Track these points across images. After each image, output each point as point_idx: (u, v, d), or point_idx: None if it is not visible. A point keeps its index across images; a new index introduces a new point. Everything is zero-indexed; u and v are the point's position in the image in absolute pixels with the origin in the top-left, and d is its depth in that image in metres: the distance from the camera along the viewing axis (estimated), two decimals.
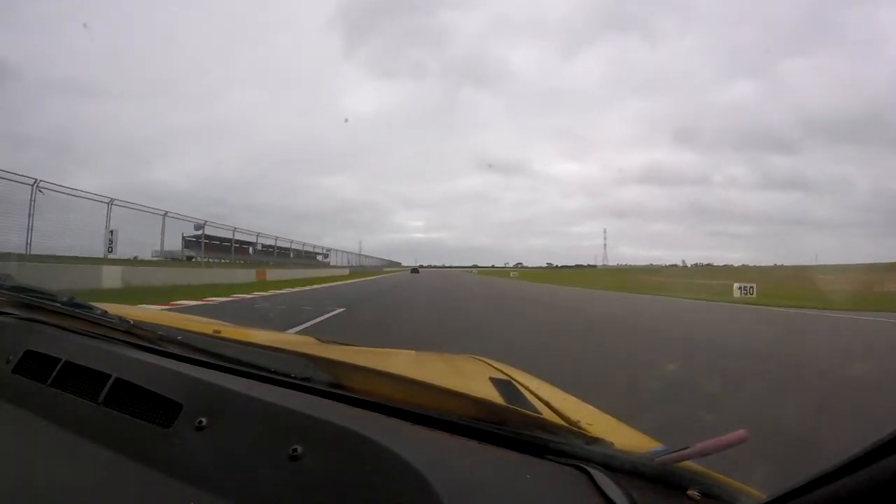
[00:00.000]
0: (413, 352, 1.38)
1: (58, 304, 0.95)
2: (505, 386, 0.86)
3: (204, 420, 0.59)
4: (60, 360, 0.77)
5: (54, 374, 0.75)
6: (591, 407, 0.88)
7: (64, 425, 0.66)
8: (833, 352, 6.21)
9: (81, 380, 0.73)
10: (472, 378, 1.02)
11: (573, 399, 0.94)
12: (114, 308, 1.01)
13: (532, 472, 0.51)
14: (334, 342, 1.26)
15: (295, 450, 0.52)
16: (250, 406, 0.60)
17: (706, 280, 29.11)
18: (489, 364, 1.15)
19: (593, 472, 0.50)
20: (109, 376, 0.70)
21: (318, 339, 1.25)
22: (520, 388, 0.87)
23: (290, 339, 1.15)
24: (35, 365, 0.79)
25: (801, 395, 3.59)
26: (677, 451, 0.51)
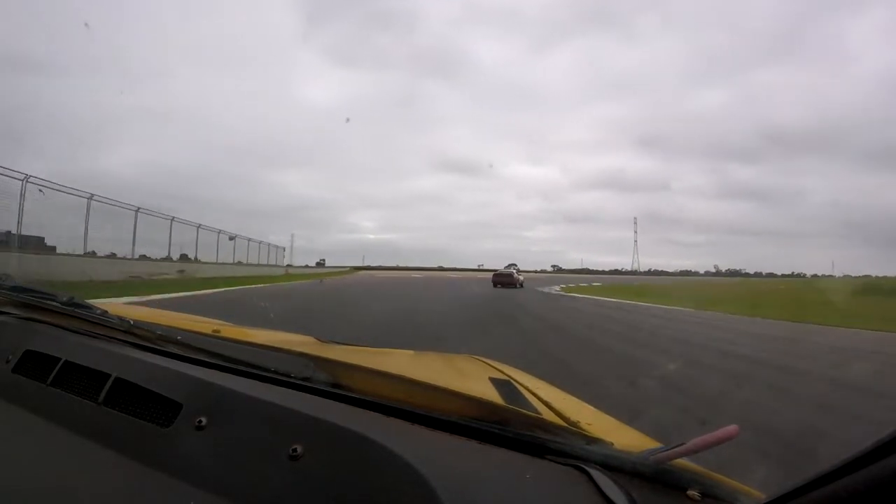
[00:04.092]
0: (413, 352, 1.38)
1: (57, 304, 0.95)
2: (505, 386, 0.86)
3: (204, 420, 0.59)
4: (60, 359, 0.76)
5: (54, 373, 0.75)
6: (590, 407, 0.89)
7: (64, 425, 0.66)
8: None
9: (81, 379, 0.72)
10: (472, 378, 1.02)
11: (573, 399, 0.94)
12: (114, 308, 1.01)
13: (532, 472, 0.51)
14: (334, 342, 1.26)
15: (295, 449, 0.52)
16: (250, 406, 0.60)
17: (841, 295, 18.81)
18: (489, 364, 1.15)
19: (593, 472, 0.50)
20: (109, 376, 0.70)
21: (318, 339, 1.25)
22: (519, 388, 0.87)
23: (289, 339, 1.15)
24: (35, 365, 0.79)
25: None
26: (672, 448, 0.51)
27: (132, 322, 0.87)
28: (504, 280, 25.19)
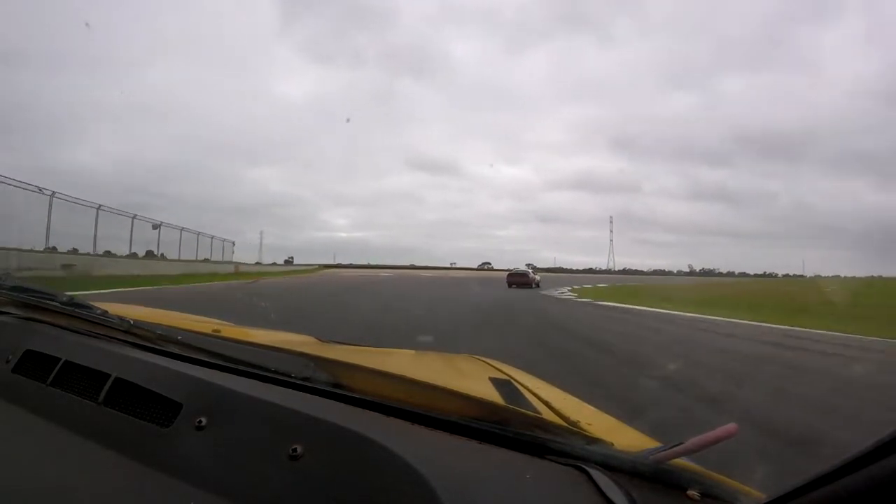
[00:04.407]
0: (413, 351, 1.38)
1: (57, 304, 0.95)
2: (505, 386, 0.86)
3: (204, 420, 0.59)
4: (60, 359, 0.76)
5: (54, 373, 0.75)
6: (590, 407, 0.89)
7: (64, 425, 0.66)
8: None
9: (81, 379, 0.72)
10: (472, 378, 1.02)
11: (573, 399, 0.94)
12: (114, 308, 1.01)
13: (532, 472, 0.51)
14: (334, 342, 1.26)
15: (295, 449, 0.52)
16: (250, 406, 0.60)
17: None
18: (489, 364, 1.15)
19: (593, 472, 0.50)
20: (109, 376, 0.70)
21: (318, 339, 1.25)
22: (519, 388, 0.87)
23: (290, 339, 1.15)
24: (35, 365, 0.79)
25: None
26: (671, 447, 0.51)
27: (132, 322, 0.87)
28: (519, 280, 23.79)
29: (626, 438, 0.66)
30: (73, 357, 0.76)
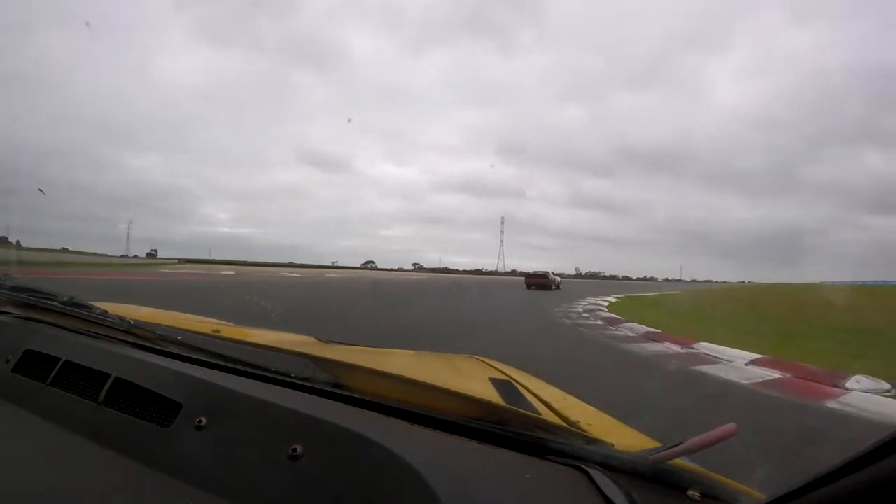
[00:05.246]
0: (413, 352, 1.38)
1: (57, 304, 0.95)
2: (504, 386, 0.86)
3: (204, 420, 0.59)
4: (60, 359, 0.77)
5: (54, 373, 0.75)
6: (591, 407, 0.89)
7: (64, 425, 0.66)
8: None
9: (81, 379, 0.73)
10: (472, 378, 1.02)
11: (573, 399, 0.94)
12: (114, 308, 1.01)
13: (532, 473, 0.51)
14: (334, 342, 1.26)
15: (295, 450, 0.52)
16: (250, 406, 0.60)
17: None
18: (488, 364, 1.15)
19: (593, 472, 0.50)
20: (109, 376, 0.70)
21: (318, 339, 1.25)
22: (519, 388, 0.87)
23: (289, 339, 1.15)
24: (35, 364, 0.79)
25: None
26: (670, 447, 0.51)
27: (132, 322, 0.87)
28: (539, 282, 22.92)
29: (626, 439, 0.66)
30: (73, 357, 0.76)
